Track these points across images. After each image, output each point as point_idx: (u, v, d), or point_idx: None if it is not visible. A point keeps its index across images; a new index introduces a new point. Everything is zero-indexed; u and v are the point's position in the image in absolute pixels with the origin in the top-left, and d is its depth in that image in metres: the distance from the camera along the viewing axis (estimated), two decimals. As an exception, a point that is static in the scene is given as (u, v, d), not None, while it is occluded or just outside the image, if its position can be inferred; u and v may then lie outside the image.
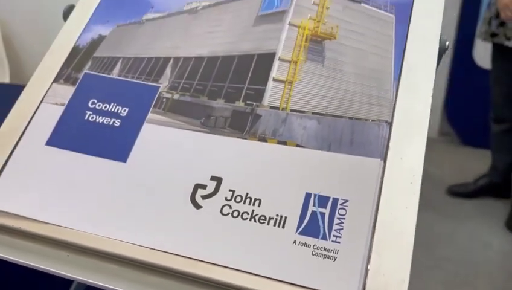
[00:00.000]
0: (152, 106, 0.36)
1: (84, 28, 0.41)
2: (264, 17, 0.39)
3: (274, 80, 0.35)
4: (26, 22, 2.42)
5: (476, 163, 2.37)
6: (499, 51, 1.93)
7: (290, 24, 0.38)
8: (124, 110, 0.36)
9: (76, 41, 0.40)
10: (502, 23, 1.84)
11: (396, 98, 0.32)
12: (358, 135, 0.32)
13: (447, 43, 0.34)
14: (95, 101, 0.37)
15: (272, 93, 0.35)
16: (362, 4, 0.37)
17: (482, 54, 2.22)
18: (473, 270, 1.75)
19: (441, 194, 2.21)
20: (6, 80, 2.41)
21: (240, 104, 0.35)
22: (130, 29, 0.41)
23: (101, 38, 0.40)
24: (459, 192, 2.19)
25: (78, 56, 0.39)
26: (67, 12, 0.43)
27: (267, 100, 0.35)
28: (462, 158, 2.47)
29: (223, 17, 0.40)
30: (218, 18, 0.40)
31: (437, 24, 0.35)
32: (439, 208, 2.11)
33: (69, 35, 0.41)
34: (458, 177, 2.30)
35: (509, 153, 2.05)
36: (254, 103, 0.35)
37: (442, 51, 0.34)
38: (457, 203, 2.15)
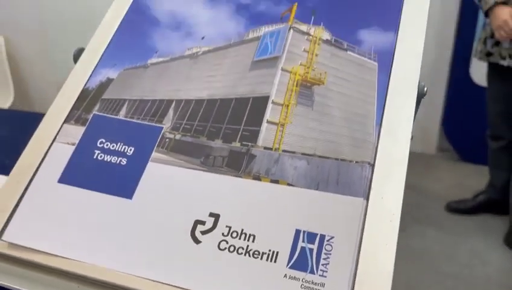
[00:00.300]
0: (156, 146, 0.39)
1: (93, 71, 0.44)
2: (259, 62, 0.42)
3: (268, 122, 0.39)
4: (29, 39, 2.47)
5: (475, 179, 2.39)
6: (494, 70, 1.97)
7: (282, 69, 0.41)
8: (130, 150, 0.39)
9: (86, 83, 0.44)
10: (497, 43, 1.88)
11: (378, 141, 0.35)
12: (344, 175, 0.35)
13: (425, 89, 0.38)
14: (103, 141, 0.40)
15: (266, 134, 0.38)
16: (348, 52, 0.41)
17: (479, 71, 2.25)
18: (472, 287, 1.76)
19: (440, 210, 2.23)
20: (10, 96, 2.46)
21: (237, 144, 0.38)
22: (136, 72, 0.44)
23: (109, 81, 0.44)
24: (458, 208, 2.21)
25: (87, 98, 0.43)
26: (77, 55, 0.47)
27: (261, 141, 0.38)
28: (461, 174, 2.49)
29: (221, 62, 0.43)
30: (217, 63, 0.43)
31: (416, 71, 0.38)
32: (438, 224, 2.12)
33: (79, 78, 0.44)
34: (457, 193, 2.32)
35: (507, 169, 2.07)
36: (249, 144, 0.38)
37: (420, 96, 0.37)
38: (457, 219, 2.17)
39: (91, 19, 2.82)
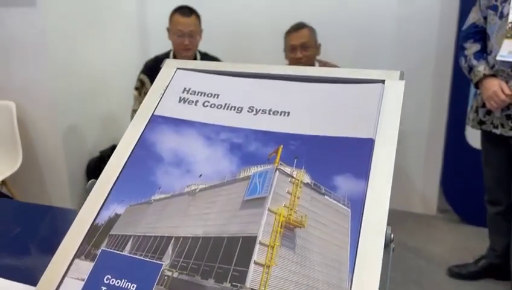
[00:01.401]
0: (156, 283, 0.44)
1: (103, 206, 0.50)
2: (248, 201, 0.48)
3: (255, 263, 0.44)
4: (38, 105, 2.59)
5: (476, 241, 2.40)
6: (487, 137, 2.04)
7: (269, 210, 0.47)
8: (133, 286, 0.44)
9: (96, 219, 0.49)
10: (489, 112, 1.96)
11: (350, 288, 0.40)
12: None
13: (392, 235, 0.43)
14: (109, 277, 0.45)
15: (253, 276, 0.43)
16: (326, 196, 0.47)
17: (474, 135, 2.32)
18: None
19: (441, 274, 2.23)
20: (19, 159, 2.54)
21: (227, 284, 0.43)
22: (141, 208, 0.50)
23: (116, 216, 0.50)
24: (460, 273, 2.21)
25: (97, 234, 0.48)
26: (89, 188, 0.53)
27: (249, 282, 0.43)
28: (462, 236, 2.50)
29: (215, 199, 0.49)
30: (211, 200, 0.49)
31: (384, 218, 0.43)
32: (439, 291, 2.12)
33: (90, 213, 0.50)
34: (459, 257, 2.32)
35: (506, 234, 2.09)
36: (238, 285, 0.43)
37: (388, 241, 0.43)
38: (459, 284, 2.16)
39: (96, 87, 2.97)
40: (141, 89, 2.32)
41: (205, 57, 2.35)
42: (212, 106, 0.58)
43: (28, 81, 2.57)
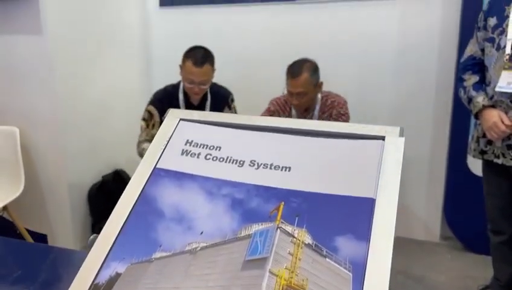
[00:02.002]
0: None
1: (104, 264, 0.50)
2: (249, 262, 0.48)
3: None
4: (42, 131, 2.60)
5: (480, 270, 2.37)
6: (489, 167, 2.04)
7: (270, 272, 0.47)
8: None
9: (96, 278, 0.49)
10: (490, 142, 1.97)
11: None
12: None
13: (394, 302, 0.43)
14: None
15: None
16: (327, 259, 0.47)
17: (476, 162, 2.31)
18: None
19: (446, 304, 2.19)
20: (21, 184, 2.54)
21: None
22: (141, 267, 0.50)
23: (117, 276, 0.49)
24: (464, 304, 2.17)
25: (97, 294, 0.48)
26: (91, 243, 0.53)
27: None
28: (466, 264, 2.47)
29: (216, 259, 0.49)
30: (213, 260, 0.49)
31: (385, 283, 0.43)
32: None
33: (90, 271, 0.50)
34: (462, 286, 2.29)
35: (510, 264, 2.06)
36: None
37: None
38: (463, 315, 2.13)
39: (99, 113, 2.99)
40: (149, 121, 2.31)
41: (214, 88, 2.34)
42: (214, 158, 0.59)
43: (31, 106, 2.60)
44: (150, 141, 2.30)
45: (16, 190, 2.53)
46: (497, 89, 1.77)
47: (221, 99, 2.35)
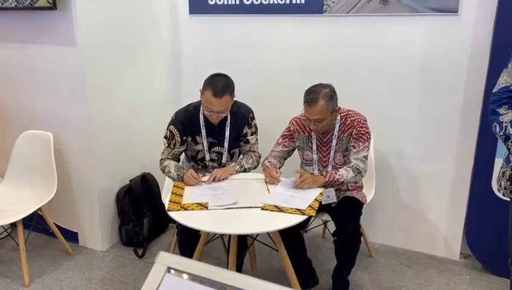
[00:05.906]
0: None
1: None
2: None
3: None
4: (74, 136, 2.71)
5: (498, 293, 2.36)
6: (517, 204, 1.96)
7: None
8: None
9: None
10: (523, 182, 1.87)
11: None
12: None
13: None
14: None
15: None
16: None
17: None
18: None
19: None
20: (54, 188, 2.66)
21: None
22: None
23: None
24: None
25: None
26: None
27: None
28: (484, 287, 2.46)
29: None
30: None
31: None
32: None
33: None
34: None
35: (529, 296, 2.04)
36: None
37: None
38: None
39: (128, 120, 3.08)
40: (171, 140, 2.36)
41: (234, 106, 2.33)
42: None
43: (65, 113, 2.71)
44: (171, 159, 2.39)
45: (49, 192, 2.66)
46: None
47: (241, 118, 2.38)
